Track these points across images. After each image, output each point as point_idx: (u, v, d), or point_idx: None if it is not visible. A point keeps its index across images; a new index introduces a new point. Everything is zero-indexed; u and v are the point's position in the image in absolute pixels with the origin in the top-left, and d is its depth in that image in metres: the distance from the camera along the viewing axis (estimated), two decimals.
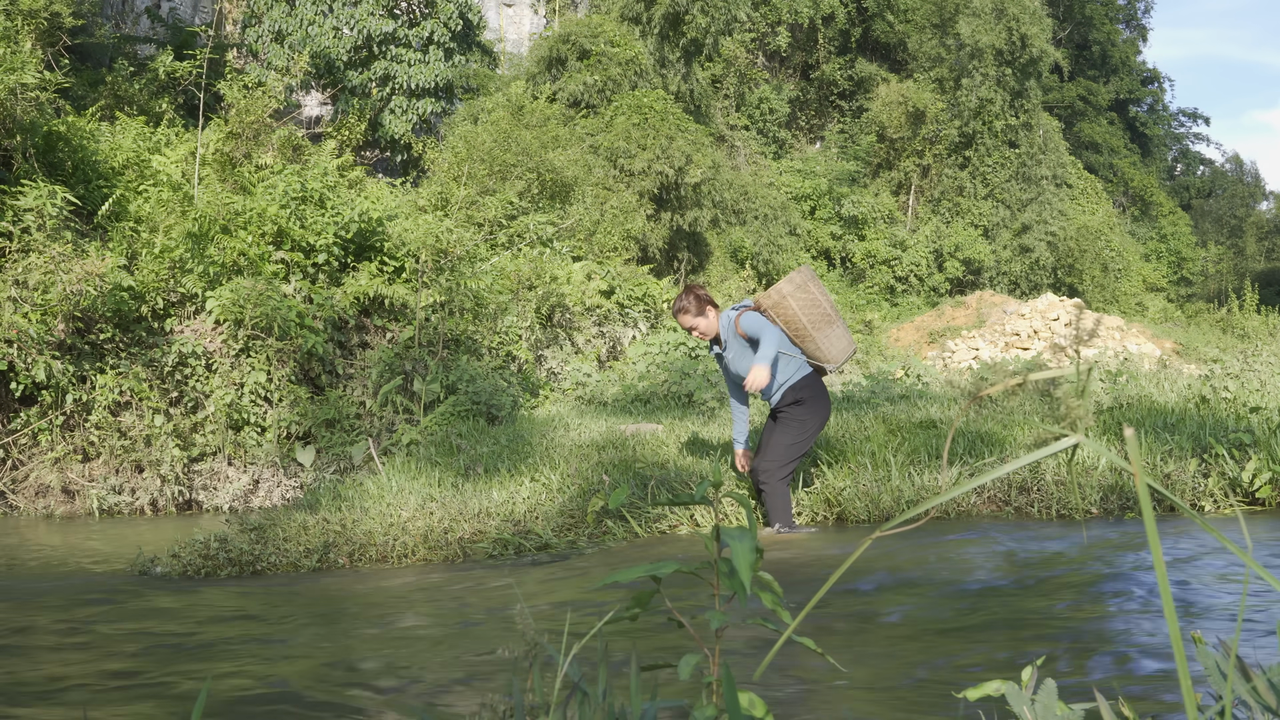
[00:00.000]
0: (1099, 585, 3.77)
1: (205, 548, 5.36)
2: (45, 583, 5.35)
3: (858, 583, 4.08)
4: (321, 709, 2.71)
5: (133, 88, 15.09)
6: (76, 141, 10.28)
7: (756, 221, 29.84)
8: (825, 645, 2.88)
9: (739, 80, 37.42)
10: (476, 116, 22.18)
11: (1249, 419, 5.68)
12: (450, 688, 2.86)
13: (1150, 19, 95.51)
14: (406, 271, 10.51)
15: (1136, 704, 2.36)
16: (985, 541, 4.68)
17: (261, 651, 3.47)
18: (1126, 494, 5.26)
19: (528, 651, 1.46)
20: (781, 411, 5.37)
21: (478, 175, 16.64)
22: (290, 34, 22.12)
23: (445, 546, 5.38)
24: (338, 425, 9.22)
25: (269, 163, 11.72)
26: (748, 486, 5.69)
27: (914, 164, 37.85)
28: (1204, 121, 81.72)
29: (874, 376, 11.55)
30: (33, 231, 8.69)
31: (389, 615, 4.00)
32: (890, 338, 27.37)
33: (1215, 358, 18.16)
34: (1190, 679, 0.83)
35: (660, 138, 22.86)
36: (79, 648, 3.62)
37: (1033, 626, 3.28)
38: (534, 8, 34.94)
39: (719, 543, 1.43)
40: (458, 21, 23.16)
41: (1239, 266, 49.62)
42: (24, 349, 8.29)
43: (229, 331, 9.11)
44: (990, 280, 35.54)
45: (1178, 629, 0.80)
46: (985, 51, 35.32)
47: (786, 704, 2.49)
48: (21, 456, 8.83)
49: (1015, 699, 1.39)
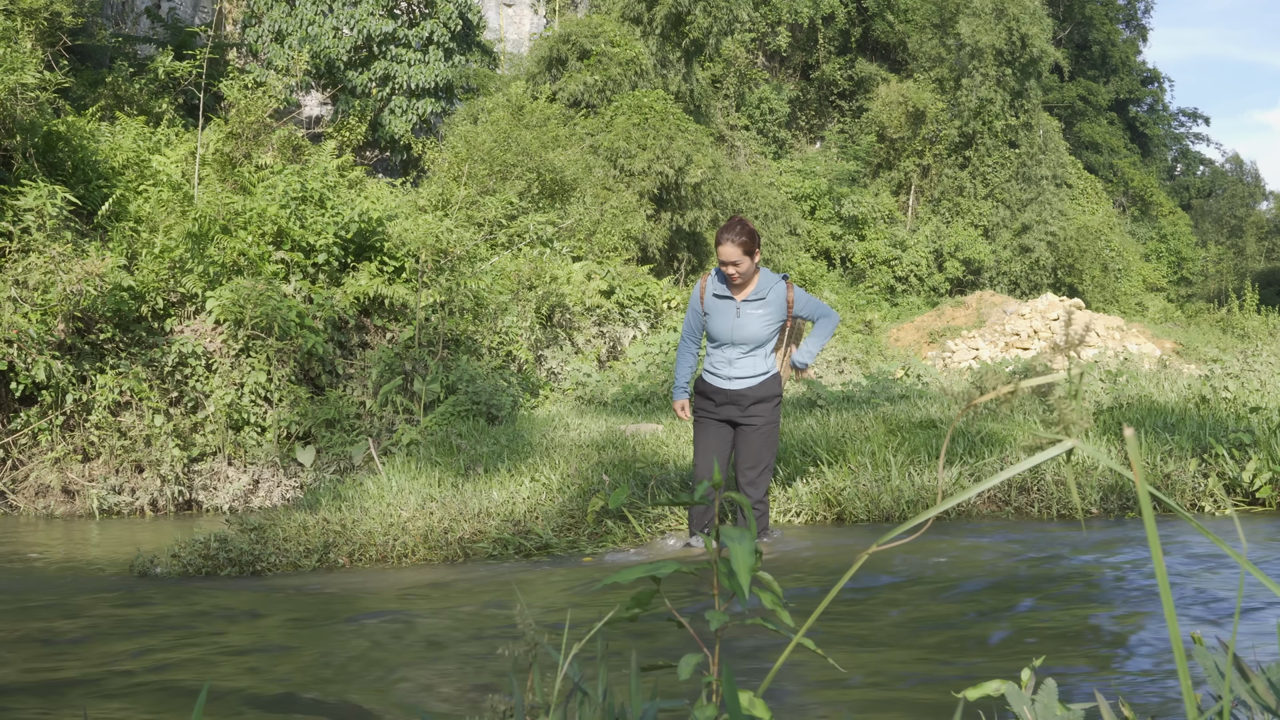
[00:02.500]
0: (1099, 585, 3.77)
1: (205, 548, 5.36)
2: (45, 583, 5.35)
3: (857, 582, 4.08)
4: (321, 709, 2.71)
5: (133, 88, 15.10)
6: (76, 141, 10.28)
7: (756, 221, 29.81)
8: (824, 645, 2.88)
9: (739, 80, 37.41)
10: (476, 117, 22.19)
11: (1249, 419, 5.68)
12: (450, 688, 2.86)
13: (1150, 19, 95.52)
14: (406, 271, 10.52)
15: (1136, 704, 2.36)
16: (985, 541, 4.68)
17: (261, 651, 3.47)
18: (1127, 494, 5.26)
19: (528, 651, 1.46)
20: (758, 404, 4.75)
21: (478, 175, 16.65)
22: (290, 34, 22.12)
23: (445, 546, 5.38)
24: (338, 425, 9.21)
25: (269, 163, 11.72)
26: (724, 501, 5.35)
27: (914, 164, 37.85)
28: (1204, 121, 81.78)
29: (874, 376, 11.56)
30: (33, 231, 8.69)
31: (389, 615, 3.99)
32: (890, 338, 27.36)
33: (1215, 358, 18.16)
34: (1190, 679, 0.83)
35: (660, 138, 22.86)
36: (79, 648, 3.62)
37: (1033, 626, 3.28)
38: (534, 8, 34.94)
39: (718, 543, 1.43)
40: (458, 21, 23.17)
41: (1239, 266, 49.61)
42: (24, 349, 8.28)
43: (229, 331, 9.11)
44: (990, 280, 35.54)
45: (1177, 629, 0.80)
46: (985, 51, 35.32)
47: (786, 704, 2.48)
48: (21, 456, 8.83)
49: (1015, 699, 1.39)
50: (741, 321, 4.73)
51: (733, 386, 4.79)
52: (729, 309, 4.75)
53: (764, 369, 4.80)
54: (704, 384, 4.90)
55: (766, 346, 4.80)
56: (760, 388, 4.79)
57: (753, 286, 4.74)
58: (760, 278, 4.74)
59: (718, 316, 4.77)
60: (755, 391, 4.78)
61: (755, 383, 4.79)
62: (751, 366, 4.80)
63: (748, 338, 4.75)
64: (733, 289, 4.73)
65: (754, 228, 4.64)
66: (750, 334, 4.73)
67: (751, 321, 4.73)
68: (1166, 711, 2.33)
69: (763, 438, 4.79)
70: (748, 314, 4.72)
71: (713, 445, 4.85)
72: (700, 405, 4.91)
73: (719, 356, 4.81)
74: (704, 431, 4.89)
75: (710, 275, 4.84)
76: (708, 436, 4.88)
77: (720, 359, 4.81)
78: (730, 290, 4.74)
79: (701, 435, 4.91)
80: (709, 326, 4.83)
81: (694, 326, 4.94)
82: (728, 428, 4.86)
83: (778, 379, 4.84)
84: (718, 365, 4.82)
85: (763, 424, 4.78)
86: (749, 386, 4.79)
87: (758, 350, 4.78)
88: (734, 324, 4.74)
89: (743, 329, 4.73)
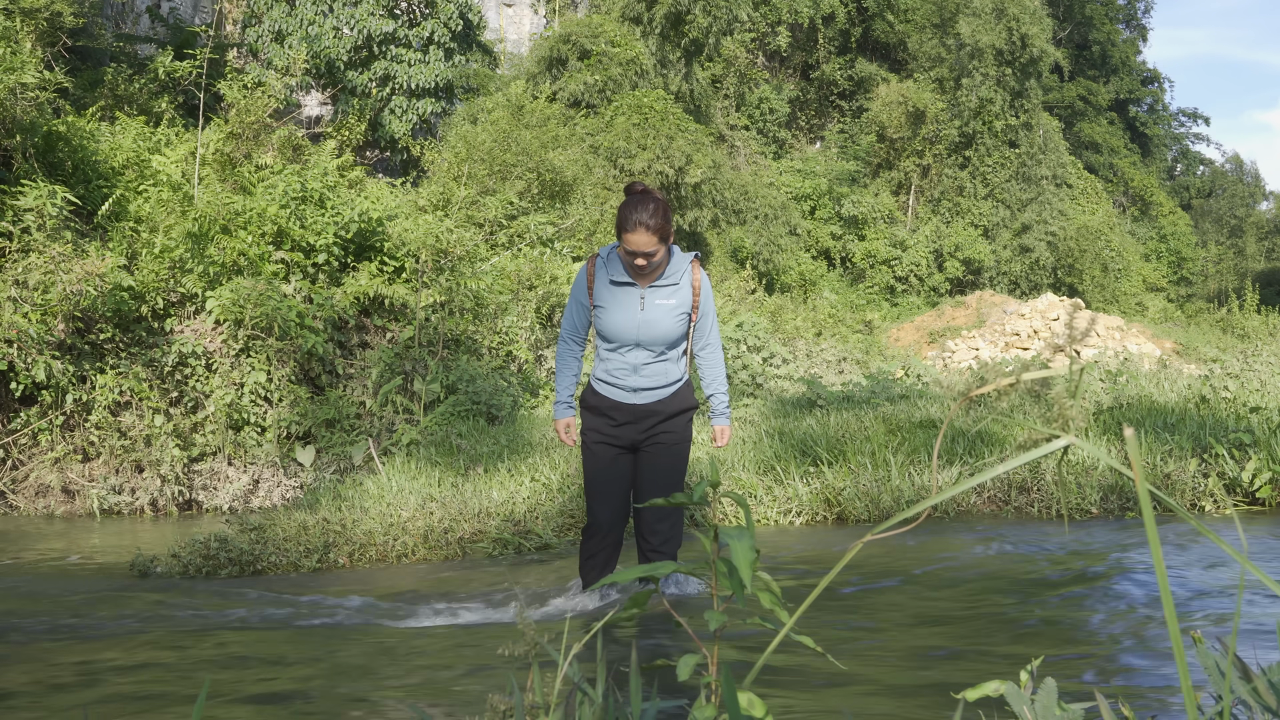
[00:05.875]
0: (1099, 585, 3.77)
1: (205, 548, 5.36)
2: (45, 583, 5.35)
3: (857, 582, 4.08)
4: (321, 709, 2.71)
5: (132, 88, 15.09)
6: (76, 141, 10.28)
7: (757, 221, 29.83)
8: (824, 644, 2.89)
9: (739, 80, 37.42)
10: (475, 117, 22.19)
11: (1249, 419, 5.68)
12: (449, 688, 2.86)
13: (1150, 19, 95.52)
14: (406, 271, 10.52)
15: (1136, 704, 2.36)
16: (984, 541, 4.68)
17: (261, 651, 3.47)
18: (1127, 494, 5.27)
19: (527, 651, 1.45)
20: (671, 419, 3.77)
21: (478, 175, 16.65)
22: (290, 34, 22.13)
23: (445, 546, 5.38)
24: (338, 425, 9.21)
25: (269, 163, 11.71)
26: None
27: (914, 164, 37.85)
28: (1204, 121, 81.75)
29: (874, 376, 11.56)
30: (33, 231, 8.68)
31: (388, 614, 3.99)
32: (890, 338, 27.36)
33: (1215, 358, 18.16)
34: (1190, 679, 0.83)
35: (660, 138, 22.86)
36: (79, 648, 3.62)
37: (1032, 626, 3.28)
38: (534, 8, 34.94)
39: (717, 543, 1.43)
40: (458, 21, 23.17)
41: (1239, 266, 49.58)
42: (24, 349, 8.28)
43: (229, 331, 9.11)
44: (990, 280, 35.54)
45: (1178, 629, 0.80)
46: (985, 51, 35.32)
47: (786, 704, 2.48)
48: (21, 456, 8.83)
49: (1015, 699, 1.39)
50: (648, 316, 3.67)
51: (639, 400, 3.74)
52: (630, 299, 3.69)
53: (677, 376, 3.79)
54: (596, 398, 3.80)
55: (679, 347, 3.79)
56: (674, 399, 3.77)
57: (662, 270, 3.71)
58: (674, 261, 3.74)
59: (615, 309, 3.69)
60: (666, 405, 3.76)
61: (667, 394, 3.77)
62: (663, 374, 3.76)
63: (657, 337, 3.69)
64: (635, 273, 3.70)
65: (666, 201, 3.66)
66: (660, 332, 3.68)
67: (662, 316, 3.68)
68: (1166, 711, 2.33)
69: (673, 459, 3.79)
70: (656, 305, 3.68)
71: (614, 481, 3.80)
72: (592, 425, 3.81)
73: (618, 363, 3.74)
74: (598, 462, 3.79)
75: (599, 255, 3.78)
76: (605, 469, 3.79)
77: (620, 366, 3.74)
78: (632, 274, 3.70)
79: (596, 467, 3.80)
80: (602, 322, 3.73)
81: (579, 323, 3.84)
82: (629, 454, 3.83)
83: (690, 387, 3.85)
84: (618, 374, 3.74)
85: (674, 441, 3.78)
86: (660, 400, 3.76)
87: (669, 353, 3.76)
88: (639, 319, 3.67)
89: (651, 326, 3.67)
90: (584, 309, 3.79)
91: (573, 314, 3.83)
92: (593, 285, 3.76)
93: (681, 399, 3.79)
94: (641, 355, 3.71)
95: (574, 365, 3.87)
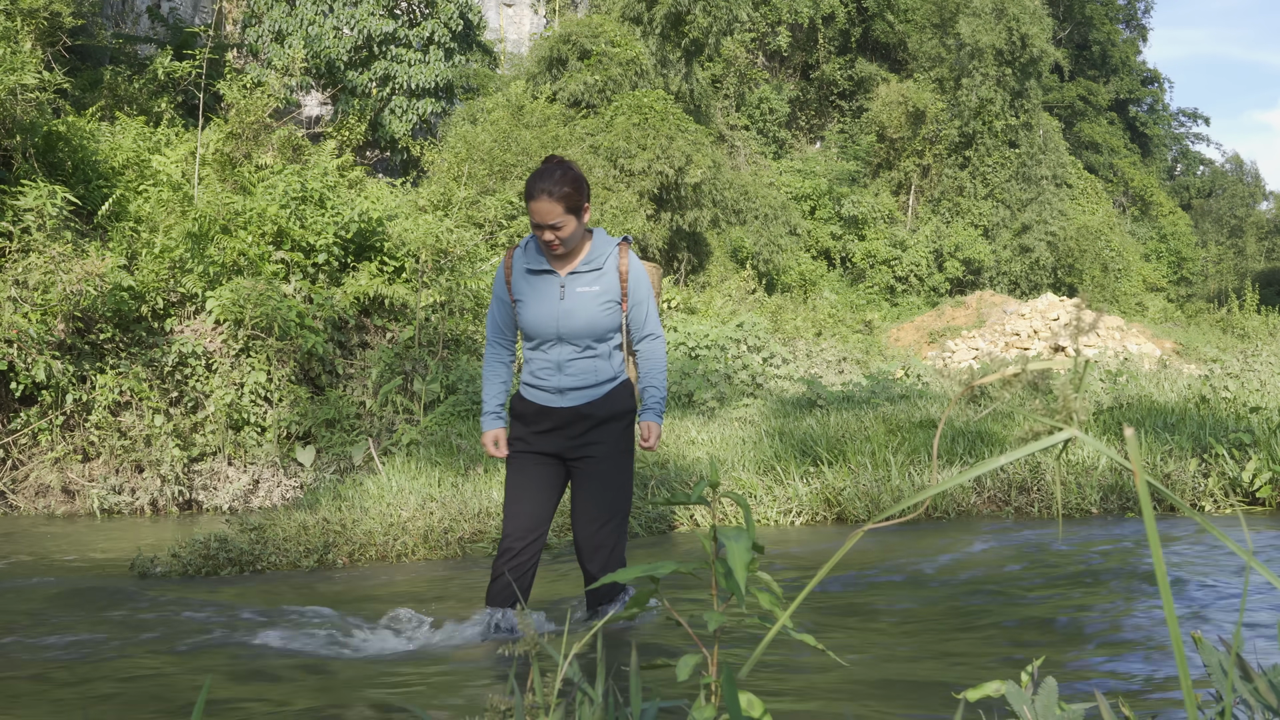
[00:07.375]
0: (1099, 584, 3.77)
1: (205, 548, 5.36)
2: (45, 583, 5.35)
3: (857, 581, 4.08)
4: (321, 709, 2.70)
5: (132, 87, 15.10)
6: (76, 141, 10.29)
7: (756, 221, 29.83)
8: (825, 643, 2.89)
9: (739, 80, 37.42)
10: (475, 117, 22.19)
11: (1249, 419, 5.68)
12: (449, 687, 2.86)
13: (1150, 19, 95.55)
14: (406, 271, 10.52)
15: (1136, 704, 2.36)
16: (984, 540, 4.68)
17: (261, 650, 3.47)
18: (1127, 493, 5.27)
19: (528, 651, 1.45)
20: (604, 425, 3.37)
21: (478, 175, 16.65)
22: (290, 34, 22.13)
23: (445, 546, 5.39)
24: (338, 425, 9.22)
25: (269, 163, 11.72)
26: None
27: (914, 164, 37.85)
28: (1204, 121, 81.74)
29: (874, 376, 11.56)
30: (33, 231, 8.69)
31: (387, 614, 3.99)
32: (890, 338, 27.36)
33: (1215, 358, 18.16)
34: (1190, 679, 0.83)
35: (660, 138, 22.86)
36: (79, 648, 3.62)
37: (1032, 625, 3.28)
38: (534, 8, 34.95)
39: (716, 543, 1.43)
40: (458, 21, 23.17)
41: (1239, 266, 49.59)
42: (24, 349, 8.28)
43: (229, 331, 9.11)
44: (990, 280, 35.54)
45: (1178, 629, 0.80)
46: (985, 51, 35.31)
47: (786, 704, 2.48)
48: (21, 456, 8.83)
49: (1015, 699, 1.39)
50: (569, 306, 3.34)
51: (566, 403, 3.38)
52: (549, 288, 3.36)
53: (610, 374, 3.41)
54: (523, 403, 3.46)
55: (610, 341, 3.42)
56: (607, 401, 3.39)
57: (583, 255, 3.39)
58: (593, 242, 3.41)
59: (534, 301, 3.37)
60: (599, 408, 3.38)
61: (599, 395, 3.39)
62: (592, 372, 3.38)
63: (580, 329, 3.34)
64: (553, 260, 3.37)
65: (579, 172, 3.33)
66: (582, 322, 3.34)
67: (584, 304, 3.34)
68: (1166, 711, 2.33)
69: (610, 472, 3.38)
70: (577, 294, 3.34)
71: (531, 492, 3.39)
72: (516, 434, 3.46)
73: (541, 361, 3.40)
74: (519, 473, 3.41)
75: (519, 246, 3.47)
76: (524, 480, 3.40)
77: (544, 365, 3.39)
78: (550, 261, 3.38)
79: (517, 479, 3.42)
80: (522, 317, 3.40)
81: (501, 322, 3.50)
82: (555, 465, 3.43)
83: (629, 388, 3.47)
84: (541, 374, 3.39)
85: (609, 452, 3.39)
86: (590, 401, 3.38)
87: (598, 347, 3.38)
88: (559, 310, 3.34)
89: (571, 316, 3.33)
90: (505, 305, 3.47)
91: (494, 313, 3.51)
92: (510, 278, 3.44)
93: (616, 400, 3.40)
94: (565, 350, 3.36)
95: (502, 371, 3.54)
